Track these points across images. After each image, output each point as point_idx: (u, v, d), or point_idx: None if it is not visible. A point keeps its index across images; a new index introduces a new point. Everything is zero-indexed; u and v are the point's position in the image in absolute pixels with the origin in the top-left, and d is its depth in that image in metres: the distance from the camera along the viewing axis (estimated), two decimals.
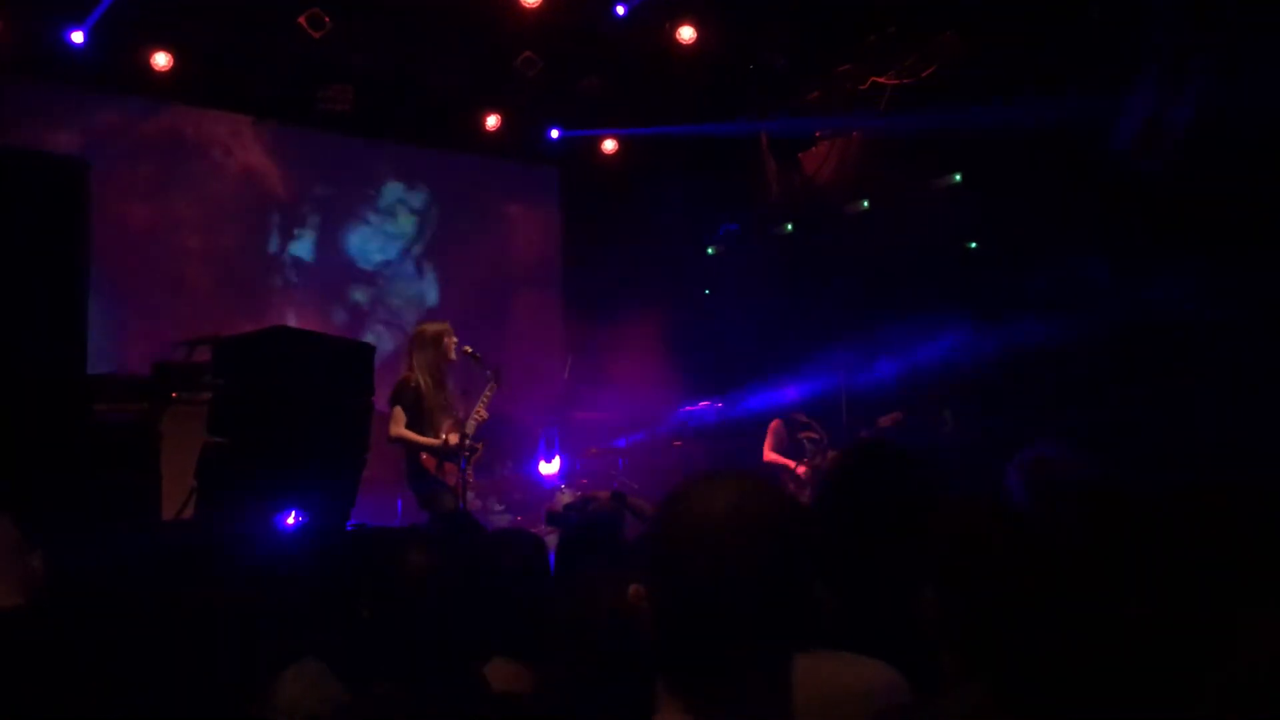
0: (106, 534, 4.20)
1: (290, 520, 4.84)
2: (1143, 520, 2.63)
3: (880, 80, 8.46)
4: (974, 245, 8.24)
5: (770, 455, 7.83)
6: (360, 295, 10.04)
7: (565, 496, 8.03)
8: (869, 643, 1.88)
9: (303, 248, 9.78)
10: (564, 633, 2.31)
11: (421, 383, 6.51)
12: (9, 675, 2.04)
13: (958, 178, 8.21)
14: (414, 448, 6.49)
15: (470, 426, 6.61)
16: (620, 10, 8.74)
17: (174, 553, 2.65)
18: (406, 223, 10.33)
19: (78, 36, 8.10)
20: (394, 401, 6.47)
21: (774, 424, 7.94)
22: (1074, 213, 6.99)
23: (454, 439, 6.50)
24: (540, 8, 8.39)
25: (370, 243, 10.13)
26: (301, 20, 8.38)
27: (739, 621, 1.27)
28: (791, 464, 7.68)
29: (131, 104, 8.88)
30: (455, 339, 6.68)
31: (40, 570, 2.48)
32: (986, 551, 1.88)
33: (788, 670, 1.31)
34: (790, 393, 8.06)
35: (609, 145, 10.58)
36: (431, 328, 6.74)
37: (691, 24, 8.81)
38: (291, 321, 9.08)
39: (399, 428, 6.43)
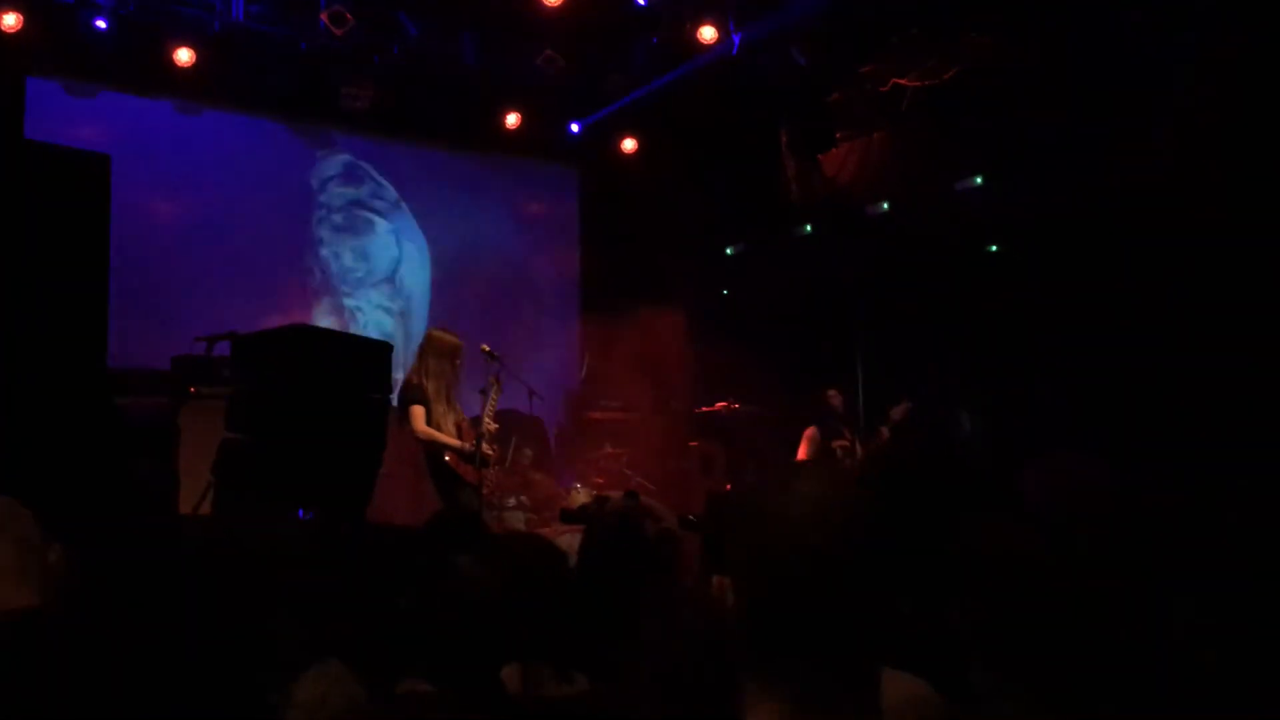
0: (125, 528, 4.21)
1: (307, 516, 4.84)
2: (1164, 528, 2.60)
3: (902, 81, 8.42)
4: (994, 248, 8.21)
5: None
6: (377, 294, 10.04)
7: (580, 495, 8.02)
8: (897, 655, 1.85)
9: (321, 245, 9.78)
10: (643, 636, 2.27)
11: (428, 387, 6.54)
12: (24, 678, 2.03)
13: (979, 180, 8.17)
14: (439, 447, 6.52)
15: (489, 422, 6.65)
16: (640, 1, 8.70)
17: (192, 548, 2.64)
18: (424, 221, 10.33)
19: (101, 24, 8.12)
20: (408, 401, 6.48)
21: (809, 431, 7.91)
22: (1099, 215, 6.94)
23: (486, 447, 6.56)
24: (562, 6, 8.37)
25: (388, 240, 10.13)
26: (324, 17, 8.39)
27: (831, 617, 1.25)
28: None
29: (154, 100, 8.89)
30: (461, 361, 6.74)
31: (60, 564, 2.46)
32: (1014, 563, 1.85)
33: (878, 668, 1.28)
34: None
35: (628, 144, 10.56)
36: (447, 339, 6.75)
37: (713, 24, 8.76)
38: (309, 319, 9.09)
39: (422, 424, 6.46)
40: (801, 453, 7.86)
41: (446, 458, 6.55)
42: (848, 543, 1.27)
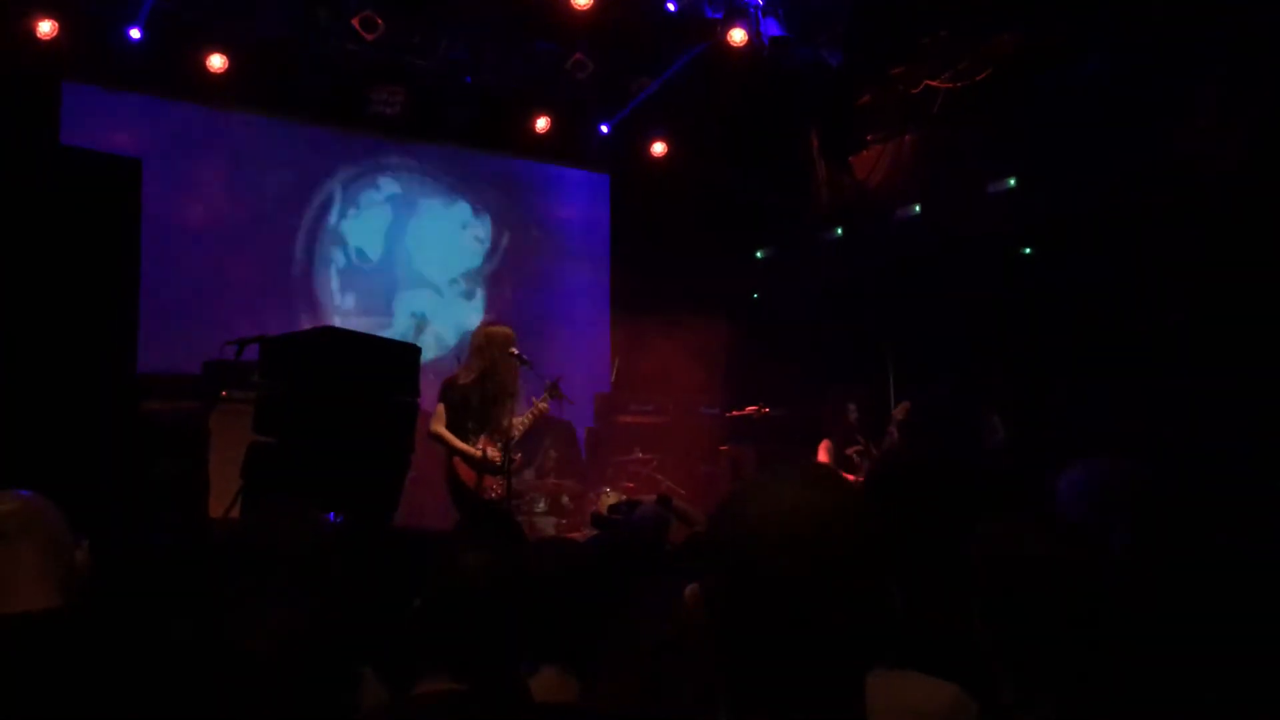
0: (154, 529, 4.23)
1: (335, 519, 4.84)
2: (1198, 532, 2.56)
3: (933, 83, 8.36)
4: (1027, 251, 8.13)
5: None
6: (406, 297, 10.06)
7: (609, 499, 7.98)
8: (921, 663, 1.82)
9: (351, 249, 9.82)
10: (616, 641, 2.25)
11: (470, 386, 6.42)
12: (48, 676, 2.03)
13: (1012, 182, 8.09)
14: (450, 450, 6.41)
15: (517, 429, 6.55)
16: (671, 6, 8.67)
17: (220, 550, 2.64)
18: (455, 225, 10.36)
19: (135, 34, 8.20)
20: (439, 398, 6.43)
21: (824, 443, 7.87)
22: (1132, 217, 6.86)
23: (495, 454, 6.40)
24: (591, 9, 8.37)
25: (418, 245, 10.15)
26: (355, 22, 8.43)
27: (807, 625, 1.17)
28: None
29: (187, 105, 8.94)
30: (515, 350, 6.51)
31: (85, 563, 2.46)
32: (1040, 568, 1.81)
33: (861, 680, 1.21)
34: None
35: (658, 148, 10.55)
36: (498, 332, 6.58)
37: (743, 26, 8.73)
38: (338, 322, 9.12)
39: (439, 425, 6.38)
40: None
41: (455, 460, 6.45)
42: (822, 547, 1.19)
